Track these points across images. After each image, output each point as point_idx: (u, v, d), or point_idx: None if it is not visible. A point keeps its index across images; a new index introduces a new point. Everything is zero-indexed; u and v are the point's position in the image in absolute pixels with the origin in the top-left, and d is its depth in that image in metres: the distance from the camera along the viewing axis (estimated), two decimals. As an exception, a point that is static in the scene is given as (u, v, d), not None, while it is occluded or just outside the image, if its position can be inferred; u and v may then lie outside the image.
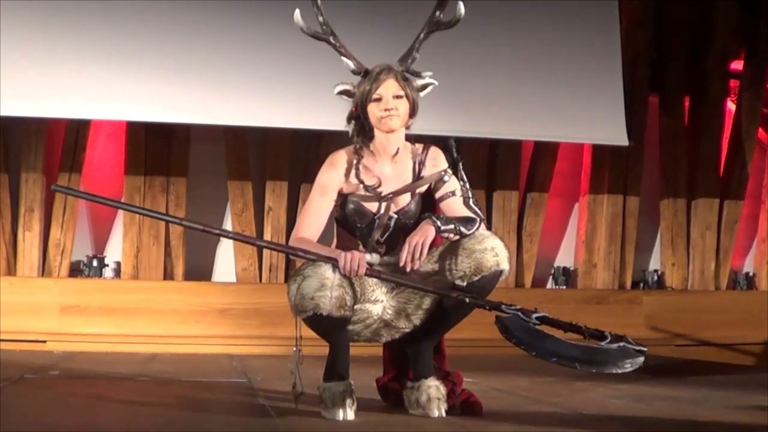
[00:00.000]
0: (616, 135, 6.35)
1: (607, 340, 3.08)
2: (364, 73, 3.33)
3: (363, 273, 3.11)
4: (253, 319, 6.05)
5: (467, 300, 3.14)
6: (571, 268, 6.98)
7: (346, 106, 3.36)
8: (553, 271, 6.97)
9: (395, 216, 3.33)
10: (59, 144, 6.23)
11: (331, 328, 3.15)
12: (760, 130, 7.43)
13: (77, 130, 6.18)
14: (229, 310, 6.09)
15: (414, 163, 3.36)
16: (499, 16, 6.15)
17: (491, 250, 3.15)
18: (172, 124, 6.09)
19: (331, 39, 3.42)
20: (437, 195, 3.36)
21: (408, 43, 3.34)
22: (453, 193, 3.35)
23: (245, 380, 4.30)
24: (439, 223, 3.16)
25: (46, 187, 6.18)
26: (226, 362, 5.25)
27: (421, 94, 3.33)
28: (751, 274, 7.42)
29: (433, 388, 3.20)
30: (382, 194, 3.31)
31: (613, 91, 6.39)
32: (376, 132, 3.29)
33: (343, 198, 3.32)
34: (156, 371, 4.68)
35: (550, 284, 6.98)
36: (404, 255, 3.12)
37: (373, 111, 3.26)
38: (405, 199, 3.35)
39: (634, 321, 6.54)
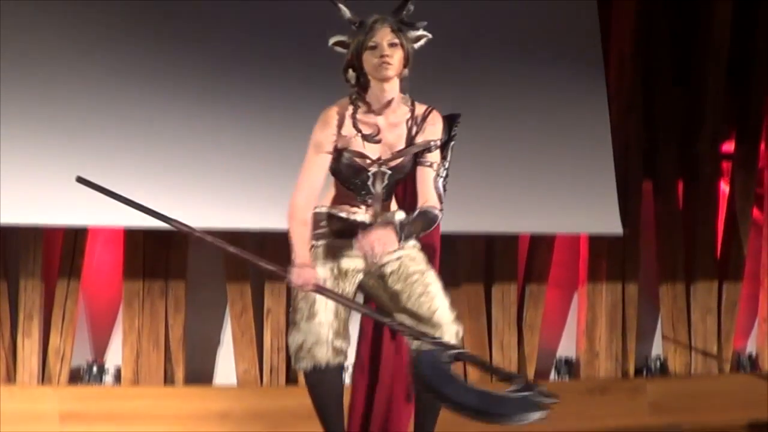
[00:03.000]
0: (611, 224, 6.37)
1: (513, 388, 3.09)
2: (359, 24, 3.43)
3: (310, 290, 3.36)
4: (255, 424, 5.99)
5: (395, 328, 3.40)
6: (574, 359, 6.95)
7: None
8: (555, 362, 6.94)
9: (389, 172, 3.47)
10: (57, 250, 6.22)
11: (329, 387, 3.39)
12: (755, 210, 7.46)
13: (75, 236, 6.18)
14: (230, 415, 6.04)
15: (411, 117, 3.48)
16: (488, 112, 6.22)
17: None
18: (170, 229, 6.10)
19: None
20: (419, 158, 3.49)
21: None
22: (431, 165, 3.50)
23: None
24: (401, 234, 3.34)
25: (44, 294, 6.17)
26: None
27: (415, 45, 3.45)
28: (754, 354, 7.37)
29: None
30: (380, 141, 3.44)
31: (605, 179, 6.42)
32: (372, 81, 3.40)
33: (338, 153, 3.45)
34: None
35: (553, 375, 6.93)
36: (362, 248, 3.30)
37: (369, 59, 3.37)
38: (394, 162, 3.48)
39: (638, 409, 6.54)
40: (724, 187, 7.38)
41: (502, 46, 6.37)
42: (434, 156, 3.51)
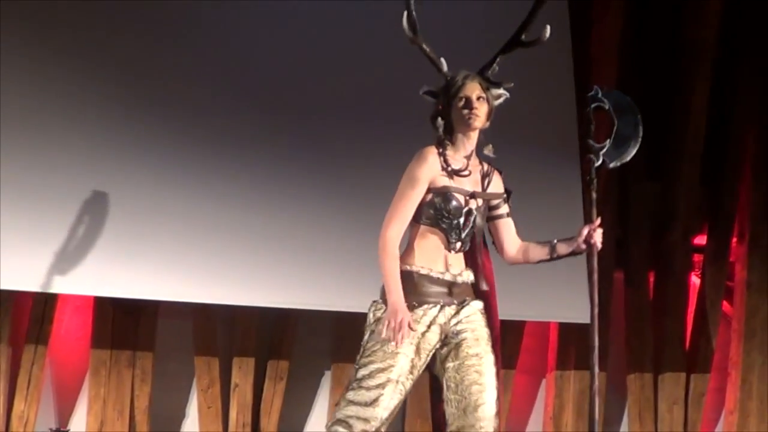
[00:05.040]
0: (580, 312, 6.39)
1: None
2: (451, 78, 3.68)
3: (401, 337, 3.41)
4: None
5: None
6: (540, 445, 6.95)
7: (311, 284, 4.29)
8: (521, 449, 6.94)
9: (475, 213, 3.66)
10: (26, 315, 6.19)
11: None
12: (725, 303, 7.51)
13: (45, 302, 6.15)
14: (192, 489, 6.03)
15: (482, 169, 3.74)
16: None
17: None
18: (140, 299, 6.11)
19: (424, 45, 3.72)
20: (496, 212, 3.80)
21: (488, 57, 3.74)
22: (509, 215, 3.83)
23: None
24: None
25: (11, 358, 6.14)
26: None
27: (496, 102, 3.69)
28: (720, 446, 7.41)
29: None
30: (469, 175, 3.65)
31: (577, 269, 6.43)
32: (457, 131, 3.64)
33: (434, 191, 3.61)
34: None
35: (520, 461, 6.93)
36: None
37: (457, 110, 3.61)
38: (481, 201, 3.70)
39: (603, 500, 6.53)
40: (695, 280, 7.45)
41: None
42: (506, 208, 3.82)
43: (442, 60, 3.74)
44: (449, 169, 3.61)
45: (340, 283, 5.98)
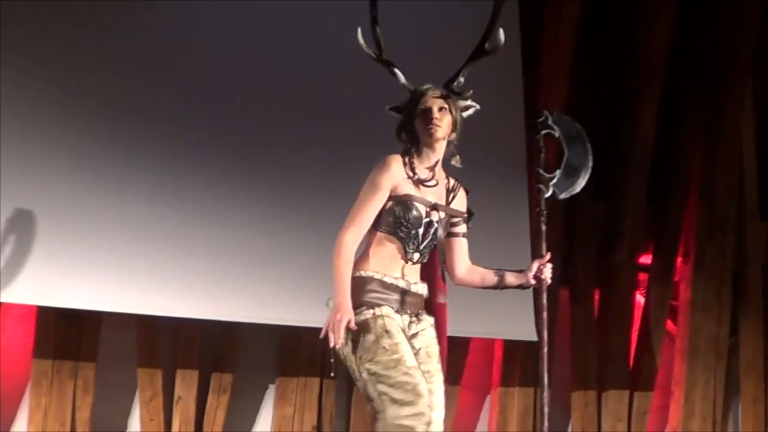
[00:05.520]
0: (525, 329, 6.43)
1: None
2: (413, 91, 3.70)
3: (346, 326, 3.36)
4: None
5: None
6: (483, 462, 6.96)
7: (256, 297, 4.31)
8: (465, 464, 6.94)
9: (436, 225, 3.63)
10: (-33, 324, 6.15)
11: None
12: (669, 322, 7.58)
13: (-14, 313, 6.12)
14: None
15: (447, 183, 3.74)
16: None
17: None
18: (84, 310, 6.06)
19: (386, 58, 3.79)
20: (453, 229, 3.76)
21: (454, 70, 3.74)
22: (465, 236, 3.81)
23: None
24: None
25: (-49, 368, 6.08)
26: None
27: (464, 114, 3.71)
28: (662, 464, 7.47)
29: None
30: (435, 185, 3.65)
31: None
32: (422, 143, 3.65)
33: (396, 199, 3.59)
34: None
35: (463, 477, 6.93)
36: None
37: (419, 122, 3.63)
38: (443, 214, 3.68)
39: None
40: (640, 298, 7.51)
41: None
42: (464, 228, 3.81)
43: (401, 76, 3.78)
44: (414, 178, 3.60)
45: (286, 297, 5.98)
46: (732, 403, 7.78)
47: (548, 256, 3.92)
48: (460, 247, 3.82)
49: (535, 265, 3.88)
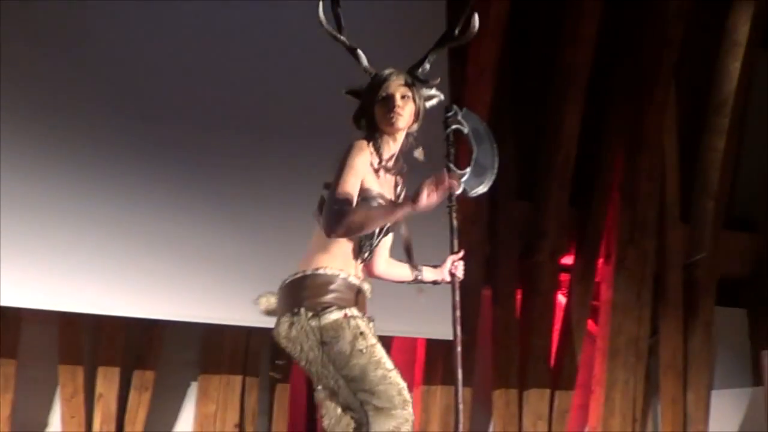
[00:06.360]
0: (447, 329, 6.45)
1: None
2: (375, 75, 3.41)
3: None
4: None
5: None
6: (404, 459, 6.99)
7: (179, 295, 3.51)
8: (385, 463, 6.96)
9: (388, 224, 3.36)
10: None
11: None
12: (590, 322, 7.70)
13: None
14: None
15: (397, 181, 3.45)
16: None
17: None
18: (3, 306, 6.00)
19: (345, 39, 3.50)
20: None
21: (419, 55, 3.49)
22: (392, 231, 3.49)
23: None
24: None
25: None
26: None
27: (427, 104, 3.44)
28: (582, 462, 7.59)
29: None
30: (389, 184, 3.37)
31: (446, 285, 6.52)
32: (381, 131, 3.36)
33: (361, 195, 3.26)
34: None
35: (383, 475, 6.95)
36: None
37: (380, 110, 3.35)
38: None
39: None
40: (561, 299, 7.63)
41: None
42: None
43: (362, 57, 3.50)
44: (377, 167, 3.34)
45: (209, 295, 5.97)
46: (651, 402, 7.95)
47: (461, 253, 3.86)
48: (386, 242, 3.57)
49: (449, 262, 3.83)
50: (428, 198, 3.07)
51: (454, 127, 3.99)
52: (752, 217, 8.70)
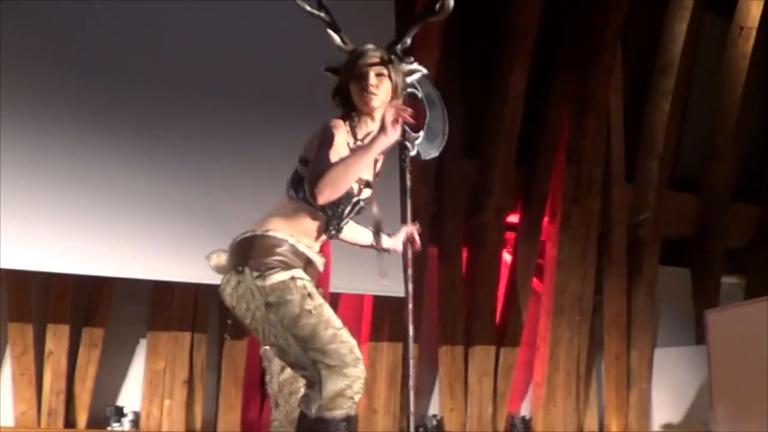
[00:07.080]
0: (394, 286, 6.52)
1: None
2: (351, 52, 3.30)
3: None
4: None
5: None
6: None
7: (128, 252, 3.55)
8: (332, 418, 7.04)
9: (361, 204, 3.30)
10: None
11: None
12: (535, 280, 7.83)
13: None
14: (2, 457, 5.94)
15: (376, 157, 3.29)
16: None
17: None
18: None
19: (324, 15, 3.38)
20: None
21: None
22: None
23: None
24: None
25: None
26: None
27: (408, 79, 3.34)
28: (527, 417, 7.71)
29: None
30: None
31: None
32: (358, 109, 3.26)
33: None
34: None
35: None
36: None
37: (355, 88, 3.23)
38: (370, 191, 3.32)
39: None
40: (507, 257, 7.73)
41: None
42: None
43: (336, 36, 3.37)
44: (354, 146, 3.19)
45: (158, 252, 5.99)
46: (595, 359, 8.11)
47: (417, 226, 3.80)
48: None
49: (403, 233, 3.74)
50: (394, 125, 3.01)
51: (409, 90, 4.00)
52: (696, 178, 8.86)
